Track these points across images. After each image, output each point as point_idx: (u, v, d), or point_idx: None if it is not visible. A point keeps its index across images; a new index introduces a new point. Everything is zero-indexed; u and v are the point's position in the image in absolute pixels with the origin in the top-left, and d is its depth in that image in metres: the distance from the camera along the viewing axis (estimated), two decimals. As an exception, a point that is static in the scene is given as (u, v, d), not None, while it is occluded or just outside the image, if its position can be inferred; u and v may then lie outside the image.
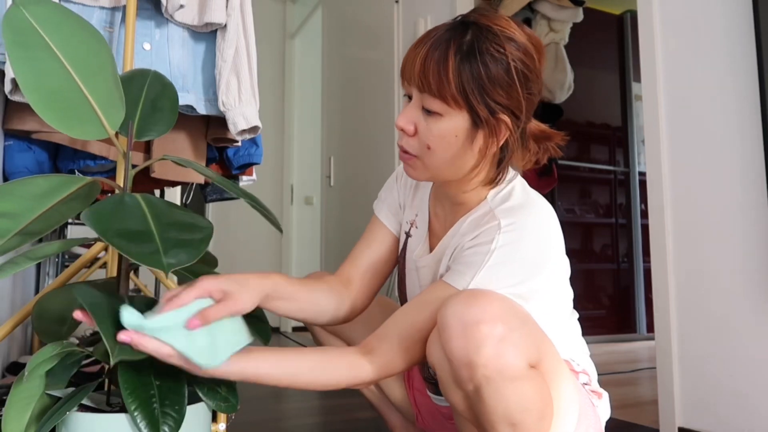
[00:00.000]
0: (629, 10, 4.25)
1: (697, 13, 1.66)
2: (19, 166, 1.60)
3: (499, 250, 0.91)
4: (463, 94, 0.90)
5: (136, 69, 1.13)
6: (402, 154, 1.00)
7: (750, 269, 1.50)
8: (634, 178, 4.27)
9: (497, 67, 0.90)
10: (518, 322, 0.85)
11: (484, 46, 0.90)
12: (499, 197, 1.00)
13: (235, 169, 1.91)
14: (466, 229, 1.00)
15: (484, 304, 0.83)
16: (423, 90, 0.92)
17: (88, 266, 1.45)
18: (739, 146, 1.54)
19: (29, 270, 2.37)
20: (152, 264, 0.71)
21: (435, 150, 0.95)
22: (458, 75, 0.90)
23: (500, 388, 0.82)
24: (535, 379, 0.85)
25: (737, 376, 1.52)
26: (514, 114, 0.93)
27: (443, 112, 0.92)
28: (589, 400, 1.02)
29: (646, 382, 2.57)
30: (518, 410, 0.83)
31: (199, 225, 0.80)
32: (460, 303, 0.84)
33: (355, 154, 3.57)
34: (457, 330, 0.82)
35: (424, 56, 0.92)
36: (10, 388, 0.89)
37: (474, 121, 0.92)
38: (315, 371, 0.91)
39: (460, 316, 0.82)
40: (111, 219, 0.76)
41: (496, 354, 0.80)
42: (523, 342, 0.84)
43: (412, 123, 0.95)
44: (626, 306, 4.18)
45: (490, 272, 0.91)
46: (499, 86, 0.91)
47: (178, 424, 0.83)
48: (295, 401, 2.22)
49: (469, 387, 0.84)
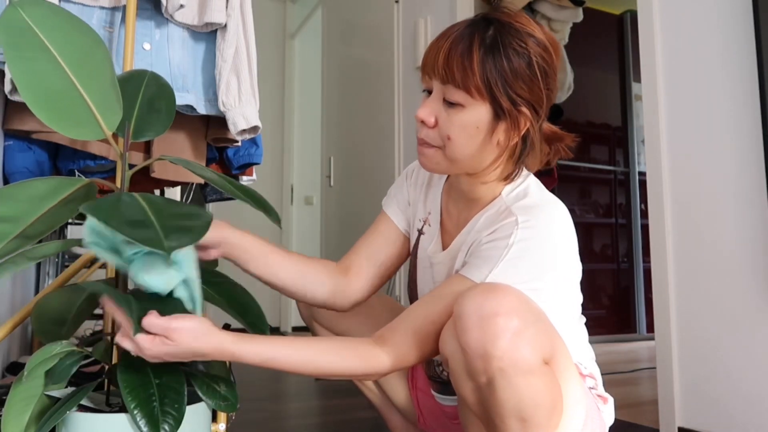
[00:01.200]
0: (629, 10, 4.25)
1: (697, 13, 1.66)
2: (19, 166, 1.60)
3: (518, 244, 0.92)
4: (486, 86, 0.92)
5: (134, 70, 1.13)
6: (420, 147, 1.00)
7: (750, 269, 1.50)
8: (634, 178, 4.26)
9: (520, 61, 0.93)
10: (533, 318, 0.86)
11: (507, 40, 0.93)
12: (514, 194, 1.01)
13: (235, 169, 1.91)
14: (482, 225, 1.01)
15: (501, 297, 0.84)
16: (447, 81, 0.94)
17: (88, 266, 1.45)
18: (739, 146, 1.54)
19: (29, 270, 2.37)
20: (154, 245, 0.70)
21: (455, 141, 0.96)
22: (482, 66, 0.91)
23: (513, 381, 0.82)
24: (548, 376, 0.86)
25: (737, 376, 1.52)
26: (535, 108, 0.95)
27: (466, 103, 0.93)
28: (595, 404, 1.02)
29: (646, 382, 2.57)
30: (529, 405, 0.83)
31: (199, 213, 0.80)
32: (478, 295, 0.85)
33: (355, 154, 3.57)
34: (473, 321, 0.83)
35: (448, 49, 0.93)
36: (10, 388, 0.89)
37: (496, 112, 0.94)
38: (332, 358, 0.93)
39: (477, 307, 0.83)
40: (111, 211, 0.76)
41: (511, 347, 0.81)
42: (537, 337, 0.85)
43: (433, 115, 0.96)
44: (626, 306, 4.17)
45: (508, 266, 0.92)
46: (521, 80, 0.93)
47: (178, 423, 0.83)
48: (295, 401, 2.23)
49: (482, 379, 0.84)
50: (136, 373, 0.86)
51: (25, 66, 0.84)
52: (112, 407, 0.93)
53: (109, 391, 0.95)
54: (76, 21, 0.90)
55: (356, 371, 0.95)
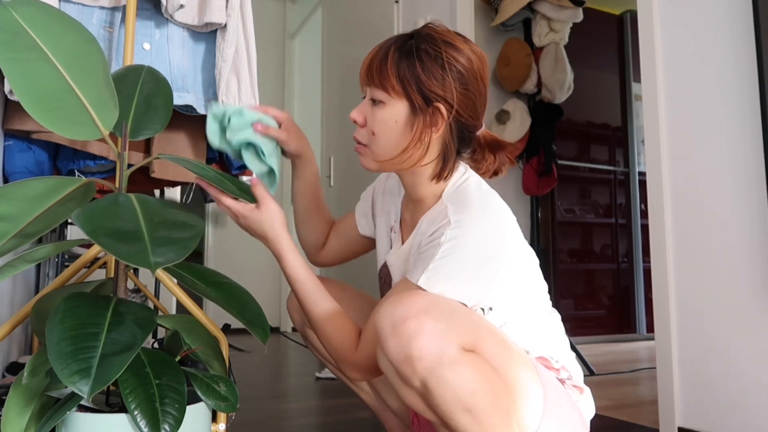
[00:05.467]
0: (629, 10, 4.25)
1: (697, 13, 1.66)
2: (19, 166, 1.60)
3: (447, 243, 0.97)
4: (401, 83, 1.03)
5: (129, 66, 1.12)
6: (356, 147, 1.11)
7: (750, 269, 1.50)
8: (634, 178, 4.26)
9: (432, 62, 1.03)
10: (445, 313, 0.90)
11: (422, 46, 1.04)
12: (453, 195, 1.07)
13: (234, 169, 1.91)
14: (425, 227, 1.06)
15: (408, 302, 0.88)
16: (370, 83, 1.06)
17: (87, 266, 1.45)
18: (740, 146, 1.54)
19: (29, 271, 2.37)
20: (139, 263, 0.71)
21: (379, 136, 1.06)
22: (397, 67, 1.03)
23: (442, 376, 0.85)
24: (473, 361, 0.88)
25: (737, 376, 1.52)
26: (449, 104, 1.03)
27: (386, 100, 1.05)
28: (566, 393, 1.03)
29: (646, 382, 2.56)
30: (466, 393, 0.86)
31: (190, 223, 0.80)
32: (388, 306, 0.90)
33: (355, 154, 3.54)
34: (388, 330, 0.88)
35: (372, 57, 1.07)
36: (10, 388, 0.89)
37: (413, 108, 1.04)
38: (333, 321, 1.06)
39: (388, 317, 0.88)
40: (101, 219, 0.76)
41: (427, 344, 0.85)
42: (452, 330, 0.88)
43: (362, 114, 1.08)
44: (626, 306, 4.17)
45: (439, 264, 0.96)
46: (433, 78, 1.02)
47: (179, 423, 0.83)
48: (295, 401, 2.23)
49: (416, 383, 0.87)
50: (136, 373, 0.86)
51: (19, 67, 0.84)
52: (112, 407, 0.93)
53: (109, 391, 0.95)
54: (68, 20, 0.89)
55: (336, 354, 1.06)
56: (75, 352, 0.76)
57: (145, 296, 2.05)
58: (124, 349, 0.78)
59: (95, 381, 0.74)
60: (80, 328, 0.79)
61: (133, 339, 0.80)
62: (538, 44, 3.11)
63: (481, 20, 3.09)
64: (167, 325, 1.06)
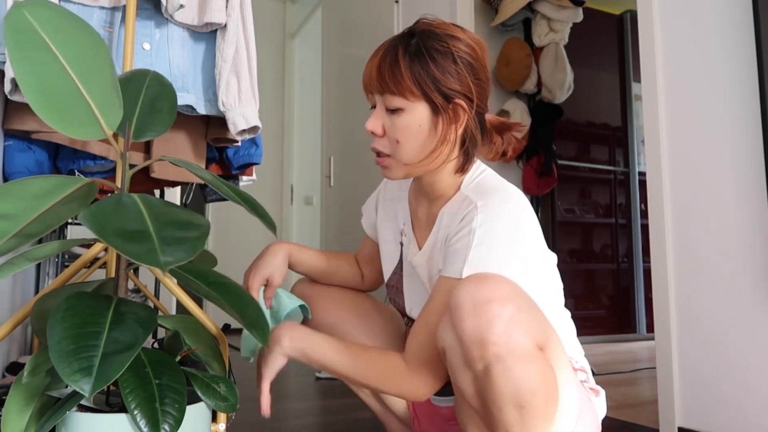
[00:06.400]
0: (629, 10, 4.25)
1: (697, 14, 1.67)
2: (19, 166, 1.61)
3: (481, 228, 0.97)
4: (418, 86, 1.01)
5: (136, 69, 1.13)
6: (377, 159, 1.09)
7: (750, 269, 1.50)
8: (634, 178, 4.26)
9: (444, 59, 1.01)
10: (526, 305, 0.88)
11: (429, 44, 1.02)
12: (473, 185, 1.07)
13: (235, 169, 1.91)
14: (447, 219, 1.06)
15: (494, 285, 0.86)
16: (384, 91, 1.03)
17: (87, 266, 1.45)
18: (739, 146, 1.54)
19: (29, 270, 2.37)
20: (149, 262, 0.71)
21: (403, 143, 1.04)
22: (410, 70, 1.01)
23: (510, 366, 0.83)
24: (543, 362, 0.87)
25: (737, 375, 1.52)
26: (468, 98, 1.03)
27: (404, 106, 1.02)
28: (588, 397, 1.03)
29: (646, 382, 2.56)
30: (527, 391, 0.84)
31: (197, 223, 0.80)
32: (471, 284, 0.87)
33: (355, 154, 3.57)
34: (468, 309, 0.85)
35: (378, 63, 1.04)
36: (10, 388, 0.89)
37: (433, 109, 1.02)
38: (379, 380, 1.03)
39: (471, 296, 0.85)
40: (109, 219, 0.76)
41: (507, 332, 0.83)
42: (531, 324, 0.87)
43: (379, 124, 1.05)
44: (626, 306, 4.17)
45: (478, 252, 0.96)
46: (448, 74, 1.01)
47: (179, 423, 0.83)
48: (295, 401, 2.23)
49: (479, 366, 0.85)
50: (136, 373, 0.86)
51: (28, 66, 0.85)
52: (112, 407, 0.93)
53: (109, 391, 0.95)
54: (78, 22, 0.90)
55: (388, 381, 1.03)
56: (76, 351, 0.76)
57: (145, 296, 2.05)
58: (125, 348, 0.78)
59: (96, 380, 0.74)
60: (81, 327, 0.79)
61: (134, 338, 0.80)
62: (538, 44, 3.11)
63: (481, 20, 3.09)
64: (167, 326, 1.06)
